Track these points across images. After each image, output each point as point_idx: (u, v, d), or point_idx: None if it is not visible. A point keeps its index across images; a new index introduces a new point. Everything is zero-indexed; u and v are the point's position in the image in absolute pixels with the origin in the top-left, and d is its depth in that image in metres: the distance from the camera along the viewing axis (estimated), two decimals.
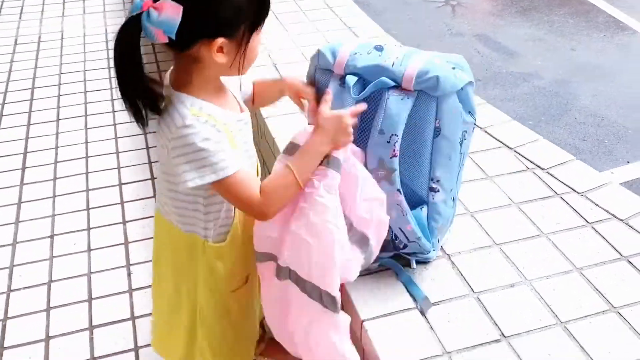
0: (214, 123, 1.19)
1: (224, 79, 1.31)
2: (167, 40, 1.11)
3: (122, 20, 1.15)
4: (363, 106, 1.32)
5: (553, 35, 4.67)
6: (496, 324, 1.32)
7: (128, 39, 1.13)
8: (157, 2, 1.08)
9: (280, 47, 2.59)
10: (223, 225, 1.36)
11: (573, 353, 1.26)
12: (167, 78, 1.28)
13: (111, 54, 3.59)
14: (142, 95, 1.17)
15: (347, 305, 1.47)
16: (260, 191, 1.24)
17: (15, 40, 4.05)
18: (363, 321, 1.38)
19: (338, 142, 1.27)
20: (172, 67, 1.29)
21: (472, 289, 1.41)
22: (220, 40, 1.15)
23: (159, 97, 1.19)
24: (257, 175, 1.39)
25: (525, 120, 3.67)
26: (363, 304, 1.41)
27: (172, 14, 1.07)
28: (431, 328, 1.32)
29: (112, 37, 3.80)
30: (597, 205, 1.65)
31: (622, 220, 1.60)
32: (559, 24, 4.84)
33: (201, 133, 1.16)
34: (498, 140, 1.93)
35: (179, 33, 1.09)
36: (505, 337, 1.30)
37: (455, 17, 4.94)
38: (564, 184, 1.73)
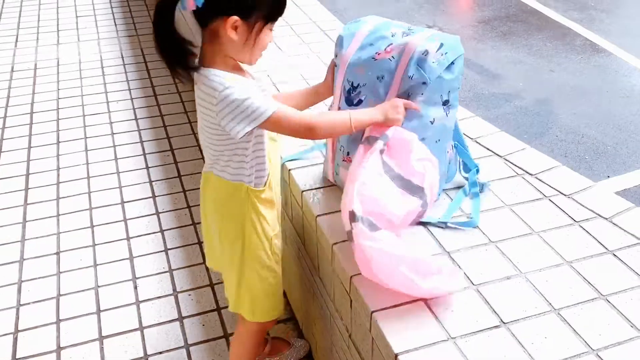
0: (244, 80, 1.46)
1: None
2: (194, 8, 1.34)
3: (116, 47, 1.49)
4: (417, 105, 1.62)
5: (533, 58, 4.87)
6: (495, 312, 1.43)
7: (167, 4, 1.35)
8: None
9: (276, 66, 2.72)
10: (260, 172, 1.61)
11: (567, 336, 1.37)
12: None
13: (107, 79, 3.70)
14: (176, 51, 1.39)
15: (338, 267, 1.63)
16: (309, 115, 1.54)
17: (12, 68, 4.15)
18: (351, 277, 1.54)
19: (389, 118, 1.56)
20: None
21: (471, 281, 1.51)
22: (235, 18, 1.38)
23: (191, 54, 1.42)
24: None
25: None
26: (351, 264, 1.55)
27: None
28: (436, 318, 1.42)
29: (107, 63, 3.91)
30: (583, 205, 1.77)
31: (606, 218, 1.72)
32: (537, 47, 5.04)
33: (239, 88, 1.41)
34: (488, 149, 2.06)
35: (205, 5, 1.33)
36: (505, 323, 1.40)
37: None
38: (552, 188, 1.85)
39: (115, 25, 4.86)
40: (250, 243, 1.67)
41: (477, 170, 1.86)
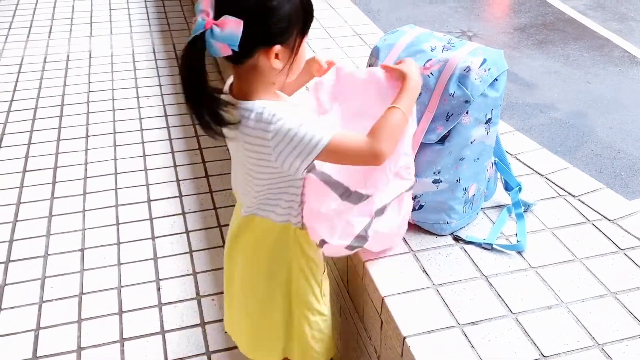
0: (291, 106, 1.36)
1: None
2: (230, 53, 1.20)
3: (149, 42, 1.29)
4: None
5: (569, 68, 4.76)
6: (535, 345, 1.36)
7: (194, 56, 1.20)
8: (219, 20, 1.17)
9: None
10: (297, 211, 1.46)
11: None
12: (226, 88, 1.38)
13: (138, 73, 3.68)
14: (208, 108, 1.25)
15: (369, 286, 1.57)
16: (367, 135, 1.35)
17: (45, 59, 4.15)
18: (384, 297, 1.49)
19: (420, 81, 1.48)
20: (230, 81, 1.39)
21: (510, 310, 1.45)
22: (277, 48, 1.26)
23: (229, 117, 1.27)
24: None
25: None
26: (383, 283, 1.52)
27: (234, 28, 1.16)
28: (472, 346, 1.36)
29: (138, 57, 3.91)
30: (628, 232, 1.69)
31: None
32: (574, 57, 4.93)
33: (290, 117, 1.27)
34: (529, 167, 1.98)
35: (240, 44, 1.18)
36: (545, 357, 1.33)
37: None
38: (596, 212, 1.77)
39: (149, 19, 4.85)
40: (299, 288, 1.55)
41: (520, 189, 1.79)
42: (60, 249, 2.58)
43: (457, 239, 1.68)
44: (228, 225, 2.68)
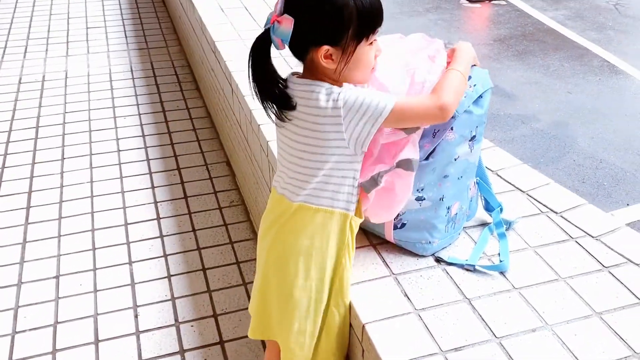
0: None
1: None
2: (285, 48, 1.32)
3: (126, 60, 1.39)
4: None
5: (549, 79, 4.76)
6: None
7: (261, 47, 1.34)
8: (281, 16, 1.28)
9: None
10: (356, 196, 1.48)
11: None
12: (291, 77, 1.42)
13: (116, 93, 3.64)
14: (276, 98, 1.37)
15: (352, 312, 1.53)
16: (430, 93, 1.41)
17: (20, 80, 4.08)
18: (364, 325, 1.45)
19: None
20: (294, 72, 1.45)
21: (494, 334, 1.41)
22: (326, 48, 1.31)
23: (291, 99, 1.37)
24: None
25: (524, 162, 3.65)
26: (364, 309, 1.49)
27: (287, 25, 1.28)
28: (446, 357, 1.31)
29: (115, 76, 3.85)
30: (612, 249, 1.66)
31: (638, 264, 1.61)
32: (554, 68, 4.94)
33: (355, 89, 1.36)
34: (510, 183, 1.95)
35: (293, 42, 1.30)
36: None
37: None
38: (579, 228, 1.74)
39: (126, 37, 4.79)
40: (342, 279, 1.53)
41: (501, 209, 1.76)
42: (34, 276, 2.50)
43: (438, 260, 1.65)
44: (207, 247, 2.67)
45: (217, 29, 3.12)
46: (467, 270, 1.61)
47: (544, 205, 1.85)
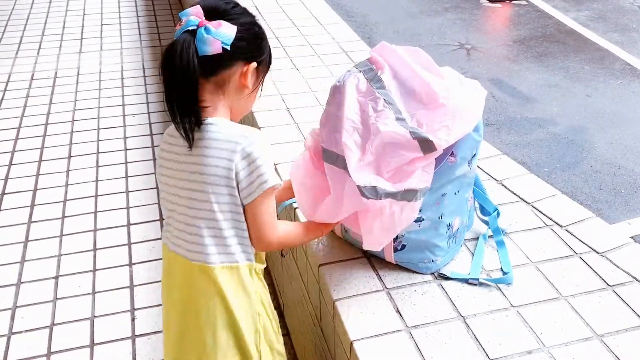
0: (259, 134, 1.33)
1: None
2: (220, 51, 1.22)
3: (138, 58, 1.31)
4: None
5: (569, 81, 4.65)
6: None
7: (186, 51, 1.20)
8: (213, 22, 1.23)
9: (295, 91, 2.58)
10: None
11: None
12: None
13: (126, 90, 3.57)
14: (193, 111, 1.25)
15: (339, 327, 1.47)
16: (283, 227, 1.40)
17: (32, 76, 4.08)
18: (352, 342, 1.40)
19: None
20: None
21: (487, 355, 1.34)
22: (253, 65, 1.31)
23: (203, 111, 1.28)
24: None
25: (540, 167, 3.62)
26: (353, 325, 1.44)
27: (229, 30, 1.23)
28: None
29: (127, 74, 3.82)
30: (617, 266, 1.58)
31: None
32: (574, 70, 4.82)
33: (261, 142, 1.29)
34: (515, 194, 1.88)
35: (225, 50, 1.23)
36: None
37: (470, 61, 4.94)
38: (584, 243, 1.66)
39: (140, 34, 4.78)
40: (265, 329, 1.43)
41: (498, 214, 1.68)
42: (33, 276, 2.49)
43: (441, 276, 1.57)
44: None
45: None
46: (472, 284, 1.54)
47: (549, 218, 1.77)
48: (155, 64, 4.28)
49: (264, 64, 1.36)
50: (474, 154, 1.53)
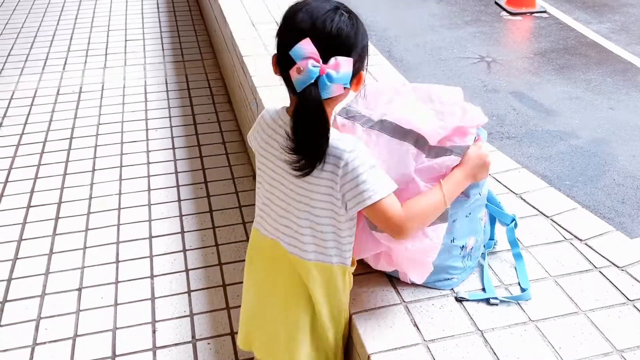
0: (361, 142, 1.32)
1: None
2: (343, 92, 1.25)
3: (161, 73, 1.31)
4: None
5: (591, 94, 4.61)
6: None
7: (313, 104, 1.20)
8: (330, 63, 1.19)
9: None
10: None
11: None
12: (283, 114, 1.36)
13: (149, 105, 3.63)
14: (321, 155, 1.25)
15: (357, 340, 1.48)
16: (403, 208, 1.32)
17: (58, 91, 4.17)
18: (370, 355, 1.40)
19: (478, 177, 1.45)
20: (275, 107, 1.40)
21: None
22: (364, 73, 1.30)
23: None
24: None
25: (562, 180, 3.59)
26: (371, 339, 1.44)
27: (347, 68, 1.21)
28: None
29: (150, 89, 3.87)
30: (637, 281, 1.57)
31: None
32: (596, 83, 4.78)
33: (366, 152, 1.29)
34: (534, 207, 1.87)
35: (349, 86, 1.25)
36: None
37: (491, 74, 4.94)
38: (604, 257, 1.65)
39: (163, 50, 4.85)
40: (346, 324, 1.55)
41: (515, 225, 1.67)
42: (57, 288, 2.53)
43: (460, 300, 1.56)
44: (229, 263, 2.65)
45: (246, 44, 3.12)
46: (493, 304, 1.53)
47: (568, 232, 1.77)
48: (177, 78, 4.34)
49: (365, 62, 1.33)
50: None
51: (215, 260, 2.67)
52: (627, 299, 1.53)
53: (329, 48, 1.19)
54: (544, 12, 6.22)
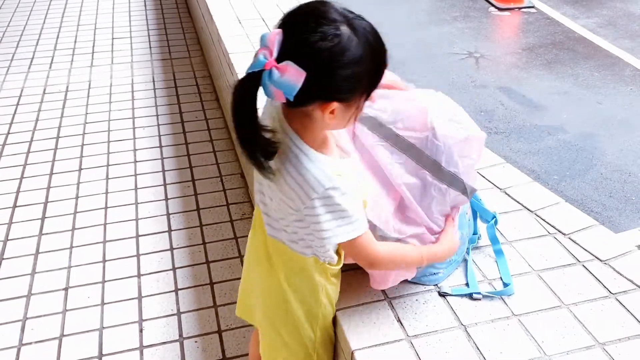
0: (346, 179, 1.22)
1: None
2: (284, 101, 1.10)
3: (149, 71, 1.21)
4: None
5: (578, 89, 4.63)
6: None
7: (246, 94, 1.12)
8: (281, 64, 1.07)
9: None
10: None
11: None
12: (278, 112, 1.26)
13: (136, 103, 3.61)
14: (259, 146, 1.16)
15: (341, 336, 1.49)
16: (382, 251, 1.33)
17: (44, 90, 4.14)
18: (353, 351, 1.40)
19: (446, 258, 1.51)
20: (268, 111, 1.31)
21: None
22: (335, 105, 1.14)
23: (274, 145, 1.18)
24: None
25: (550, 175, 3.60)
26: (354, 335, 1.44)
27: (294, 78, 1.07)
28: None
29: (137, 87, 3.86)
30: (620, 274, 1.58)
31: None
32: (584, 77, 4.80)
33: (342, 193, 1.20)
34: (518, 202, 1.88)
35: (296, 94, 1.08)
36: None
37: (479, 69, 4.94)
38: (587, 251, 1.66)
39: (150, 48, 4.83)
40: (325, 318, 1.51)
41: (496, 221, 1.68)
42: (44, 288, 2.51)
43: (444, 295, 1.57)
44: (216, 261, 2.65)
45: (232, 41, 3.11)
46: (476, 299, 1.54)
47: (552, 226, 1.77)
48: (164, 76, 4.32)
49: (358, 95, 1.17)
50: None
51: (202, 258, 2.67)
52: (610, 292, 1.53)
53: (293, 51, 1.08)
54: (532, 7, 6.23)
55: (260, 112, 1.24)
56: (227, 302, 2.44)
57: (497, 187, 1.94)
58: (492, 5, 6.28)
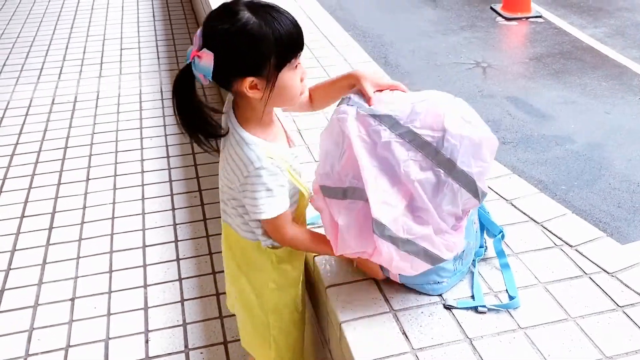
0: (278, 164, 1.39)
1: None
2: (208, 82, 1.31)
3: (157, 81, 1.45)
4: None
5: (586, 98, 4.62)
6: None
7: (184, 84, 1.34)
8: (200, 51, 1.27)
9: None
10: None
11: None
12: (228, 103, 1.46)
13: (144, 114, 3.65)
14: (202, 129, 1.36)
15: (346, 350, 1.48)
16: (288, 235, 1.48)
17: (53, 100, 4.17)
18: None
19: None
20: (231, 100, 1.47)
21: None
22: (250, 79, 1.31)
23: (217, 128, 1.38)
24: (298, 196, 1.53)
25: (558, 185, 3.59)
26: (359, 349, 1.44)
27: (207, 60, 1.27)
28: None
29: (145, 97, 3.89)
30: (628, 287, 1.56)
31: None
32: (592, 87, 4.78)
33: (271, 174, 1.37)
34: (524, 213, 1.87)
35: (216, 75, 1.29)
36: None
37: (486, 79, 4.94)
38: (594, 263, 1.65)
39: (158, 58, 4.86)
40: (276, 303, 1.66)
41: (503, 236, 1.67)
42: (50, 298, 2.52)
43: (448, 307, 1.55)
44: (222, 271, 2.61)
45: None
46: (481, 312, 1.53)
47: (559, 238, 1.76)
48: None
49: (269, 66, 1.31)
50: None
51: (208, 269, 2.67)
52: (617, 305, 1.52)
53: (205, 40, 1.28)
54: (540, 16, 6.23)
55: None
56: (233, 313, 2.43)
57: (504, 198, 1.94)
58: (499, 14, 6.29)
